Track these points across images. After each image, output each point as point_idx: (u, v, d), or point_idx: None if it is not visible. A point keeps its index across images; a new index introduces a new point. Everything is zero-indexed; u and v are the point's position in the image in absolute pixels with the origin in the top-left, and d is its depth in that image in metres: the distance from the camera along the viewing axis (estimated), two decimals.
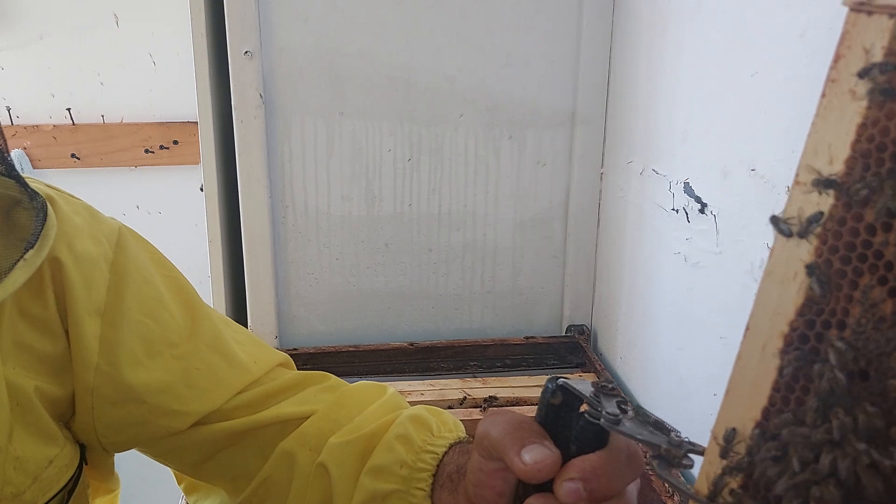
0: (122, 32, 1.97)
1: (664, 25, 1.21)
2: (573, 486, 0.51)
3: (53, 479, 0.63)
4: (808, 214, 0.42)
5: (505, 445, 0.53)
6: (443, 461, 0.65)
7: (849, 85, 0.38)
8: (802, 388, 0.49)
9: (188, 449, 0.73)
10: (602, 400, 0.53)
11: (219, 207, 1.46)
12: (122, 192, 2.06)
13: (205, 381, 0.70)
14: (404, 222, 1.51)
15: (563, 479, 0.51)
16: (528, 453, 0.52)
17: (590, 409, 0.53)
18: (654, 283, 1.27)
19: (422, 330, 1.57)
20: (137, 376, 0.66)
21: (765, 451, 0.50)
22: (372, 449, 0.67)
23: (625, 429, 0.51)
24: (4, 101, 1.98)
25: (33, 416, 0.62)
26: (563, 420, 0.55)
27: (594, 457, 0.52)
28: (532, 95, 1.46)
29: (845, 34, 0.39)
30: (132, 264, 0.68)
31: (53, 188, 0.68)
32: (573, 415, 0.55)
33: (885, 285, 0.40)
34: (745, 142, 0.97)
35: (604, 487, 0.52)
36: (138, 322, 0.67)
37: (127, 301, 0.67)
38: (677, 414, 1.21)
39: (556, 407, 0.55)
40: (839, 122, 0.39)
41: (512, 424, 0.54)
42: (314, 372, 0.78)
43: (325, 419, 0.71)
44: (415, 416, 0.69)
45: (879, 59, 0.37)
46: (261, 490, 0.72)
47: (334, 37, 1.39)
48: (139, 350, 0.67)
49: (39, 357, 0.63)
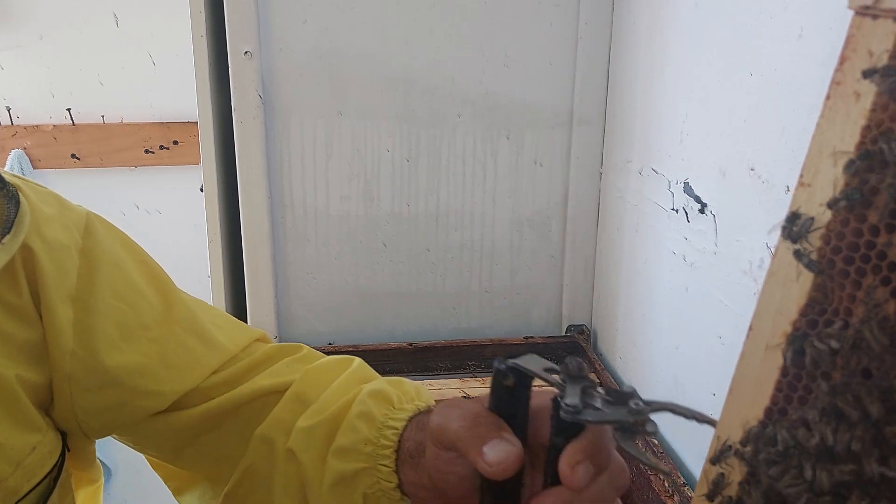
0: (122, 32, 1.97)
1: (663, 25, 1.22)
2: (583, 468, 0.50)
3: (37, 465, 0.64)
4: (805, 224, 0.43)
5: (465, 444, 0.52)
6: (403, 436, 0.65)
7: (853, 87, 0.39)
8: (805, 387, 0.50)
9: (168, 434, 0.73)
10: (568, 383, 0.52)
11: (219, 207, 1.46)
12: (122, 193, 2.06)
13: (181, 361, 0.71)
14: (403, 222, 1.51)
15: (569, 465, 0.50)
16: (492, 452, 0.51)
17: (554, 400, 0.52)
18: (654, 282, 1.27)
19: (420, 330, 1.58)
20: (114, 359, 0.67)
21: (766, 453, 0.50)
22: (336, 430, 0.67)
23: (588, 416, 0.50)
24: (4, 101, 1.98)
25: (15, 404, 0.63)
26: (516, 400, 0.54)
27: (579, 443, 0.51)
28: (530, 96, 1.46)
29: (850, 37, 0.39)
30: (102, 250, 0.69)
31: (19, 177, 0.69)
32: (526, 393, 0.54)
33: (888, 286, 0.41)
34: (744, 141, 0.98)
35: (603, 462, 0.52)
36: (111, 306, 0.68)
37: (98, 286, 0.67)
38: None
39: (509, 388, 0.54)
40: (844, 124, 0.39)
41: (468, 419, 0.53)
42: (287, 343, 0.79)
43: (294, 401, 0.71)
44: (375, 390, 0.68)
45: (884, 62, 0.38)
46: (245, 480, 0.72)
47: (333, 37, 1.40)
48: (114, 334, 0.67)
49: (18, 345, 0.64)
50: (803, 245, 0.44)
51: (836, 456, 0.44)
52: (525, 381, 0.54)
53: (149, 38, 1.97)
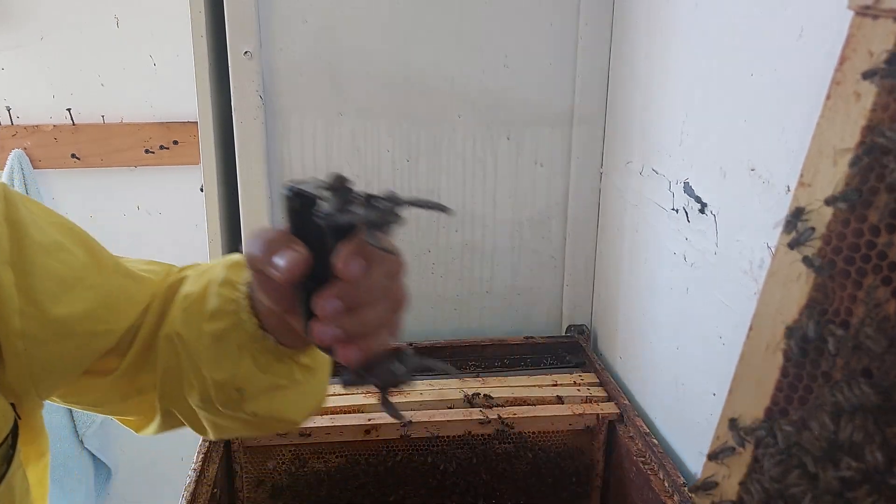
0: (122, 33, 1.97)
1: (663, 25, 1.22)
2: (332, 302, 0.59)
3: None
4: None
5: (261, 260, 0.61)
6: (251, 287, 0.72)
7: (853, 87, 0.39)
8: (805, 387, 0.50)
9: (119, 383, 0.80)
10: (337, 196, 0.59)
11: (219, 207, 1.46)
12: (122, 193, 2.06)
13: (119, 300, 0.78)
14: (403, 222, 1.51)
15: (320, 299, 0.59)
16: (279, 259, 0.59)
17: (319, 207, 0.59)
18: (654, 282, 1.27)
19: (420, 330, 1.58)
20: (60, 310, 0.72)
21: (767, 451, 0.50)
22: (205, 301, 0.74)
23: (341, 218, 0.57)
24: (4, 101, 1.98)
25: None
26: (306, 219, 0.60)
27: (350, 243, 0.58)
28: (530, 95, 1.46)
29: (850, 37, 0.39)
30: (23, 215, 0.72)
31: None
32: (311, 211, 0.60)
33: (889, 285, 0.40)
34: (744, 142, 0.98)
35: (361, 283, 0.59)
36: (45, 265, 0.72)
37: (29, 248, 0.71)
38: (677, 414, 1.21)
39: (300, 212, 0.60)
40: (844, 124, 0.39)
41: (264, 240, 0.61)
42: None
43: (182, 299, 0.78)
44: (232, 261, 0.76)
45: (884, 60, 0.38)
46: (166, 378, 0.77)
47: (333, 37, 1.40)
48: (55, 288, 0.72)
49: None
50: (808, 251, 0.44)
51: (838, 451, 0.44)
52: (308, 202, 0.60)
53: (149, 38, 1.97)
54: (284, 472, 1.28)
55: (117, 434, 2.25)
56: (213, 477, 1.15)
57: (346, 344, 0.61)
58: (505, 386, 1.38)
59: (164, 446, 2.26)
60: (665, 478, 1.14)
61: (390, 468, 1.30)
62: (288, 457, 1.28)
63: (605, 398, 1.34)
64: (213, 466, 1.17)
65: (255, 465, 1.27)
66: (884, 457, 0.42)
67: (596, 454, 1.32)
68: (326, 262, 0.59)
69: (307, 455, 1.28)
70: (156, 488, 2.31)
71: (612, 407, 1.32)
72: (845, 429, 0.43)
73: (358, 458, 1.29)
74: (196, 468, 1.14)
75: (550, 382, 1.40)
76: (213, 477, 1.15)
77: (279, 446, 1.26)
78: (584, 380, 1.41)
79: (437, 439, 1.28)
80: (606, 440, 1.31)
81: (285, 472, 1.28)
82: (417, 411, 1.30)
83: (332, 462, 1.29)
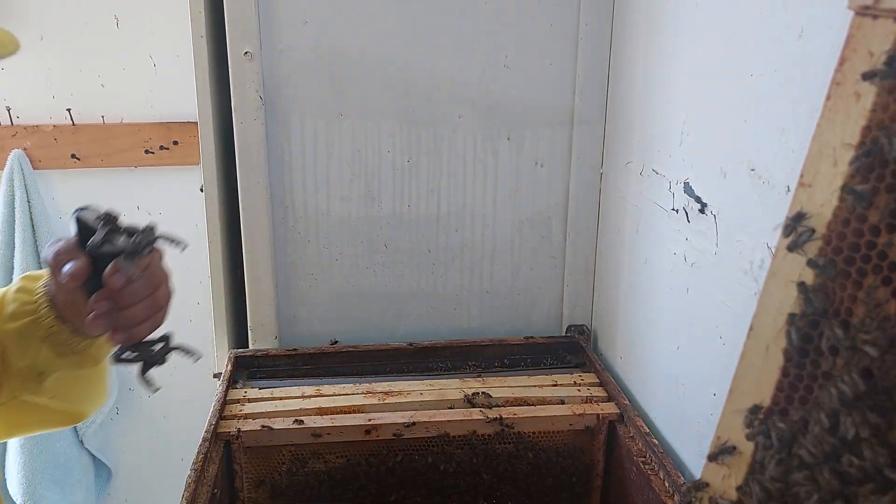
0: (122, 33, 1.97)
1: (663, 26, 1.22)
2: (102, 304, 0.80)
3: None
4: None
5: (52, 270, 0.81)
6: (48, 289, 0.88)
7: (854, 88, 0.39)
8: (806, 387, 0.50)
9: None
10: (100, 227, 0.79)
11: (219, 207, 1.47)
12: (122, 193, 2.06)
13: None
14: (403, 223, 1.51)
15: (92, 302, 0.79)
16: (64, 269, 0.78)
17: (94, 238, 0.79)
18: (654, 283, 1.27)
19: (421, 330, 1.58)
20: None
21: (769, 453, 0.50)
22: (4, 307, 0.88)
23: (105, 249, 0.78)
24: (4, 101, 1.98)
25: None
26: (89, 236, 0.79)
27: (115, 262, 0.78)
28: (531, 96, 1.46)
29: (850, 38, 0.39)
30: None
31: None
32: (91, 230, 0.79)
33: (889, 285, 0.40)
34: (744, 142, 0.98)
35: (125, 290, 0.79)
36: None
37: None
38: (677, 413, 1.21)
39: (85, 235, 0.79)
40: (844, 124, 0.39)
41: (55, 250, 0.80)
42: None
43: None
44: (29, 274, 0.91)
45: (883, 61, 0.38)
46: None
47: (334, 38, 1.40)
48: None
49: None
50: (809, 253, 0.44)
51: (840, 449, 0.44)
52: (87, 231, 0.79)
53: (149, 38, 1.97)
54: (284, 472, 1.28)
55: (117, 434, 2.25)
56: (213, 477, 1.15)
57: (114, 332, 0.81)
58: (505, 386, 1.38)
59: (164, 446, 2.26)
60: (665, 478, 1.14)
61: (390, 468, 1.30)
62: (288, 457, 1.28)
63: (606, 398, 1.34)
64: (213, 466, 1.17)
65: (255, 465, 1.27)
66: (887, 454, 0.42)
67: (596, 454, 1.32)
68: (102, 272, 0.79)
69: (307, 455, 1.28)
70: (156, 488, 2.31)
71: (613, 407, 1.32)
72: (844, 424, 0.43)
73: (358, 458, 1.29)
74: (196, 468, 1.14)
75: (550, 382, 1.40)
76: (213, 477, 1.15)
77: (279, 446, 1.26)
78: (584, 380, 1.41)
79: (438, 439, 1.28)
80: (607, 440, 1.31)
81: (285, 473, 1.28)
82: (418, 411, 1.30)
83: (333, 462, 1.29)
